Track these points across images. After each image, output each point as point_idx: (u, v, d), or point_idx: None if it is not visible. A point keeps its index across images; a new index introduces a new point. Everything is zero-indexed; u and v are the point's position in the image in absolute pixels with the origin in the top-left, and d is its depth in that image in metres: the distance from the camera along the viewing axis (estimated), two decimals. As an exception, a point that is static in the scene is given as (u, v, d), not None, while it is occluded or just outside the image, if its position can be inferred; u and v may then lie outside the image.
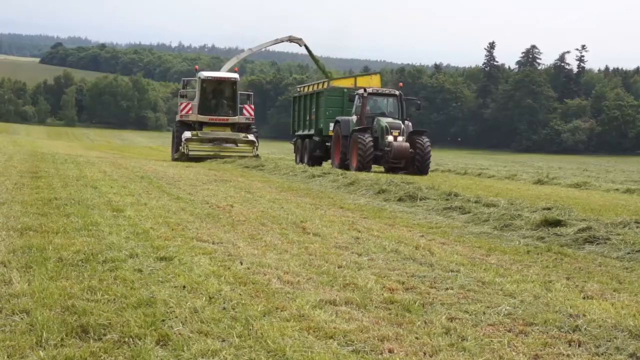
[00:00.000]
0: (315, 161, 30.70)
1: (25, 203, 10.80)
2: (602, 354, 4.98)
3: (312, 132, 31.88)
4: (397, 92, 28.34)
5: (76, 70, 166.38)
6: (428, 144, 26.51)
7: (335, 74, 44.01)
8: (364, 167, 25.40)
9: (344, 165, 26.47)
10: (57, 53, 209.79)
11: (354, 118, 27.62)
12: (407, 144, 26.14)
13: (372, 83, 32.41)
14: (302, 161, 31.99)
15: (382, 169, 27.33)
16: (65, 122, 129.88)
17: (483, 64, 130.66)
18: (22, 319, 5.08)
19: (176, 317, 5.24)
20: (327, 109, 30.74)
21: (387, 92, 28.85)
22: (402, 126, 26.67)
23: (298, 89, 37.44)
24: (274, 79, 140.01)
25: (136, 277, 6.34)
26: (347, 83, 33.01)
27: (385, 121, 26.66)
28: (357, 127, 26.74)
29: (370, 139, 25.95)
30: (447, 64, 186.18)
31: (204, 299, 5.75)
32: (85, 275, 6.34)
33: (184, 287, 6.08)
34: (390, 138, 26.10)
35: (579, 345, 5.13)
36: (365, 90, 28.00)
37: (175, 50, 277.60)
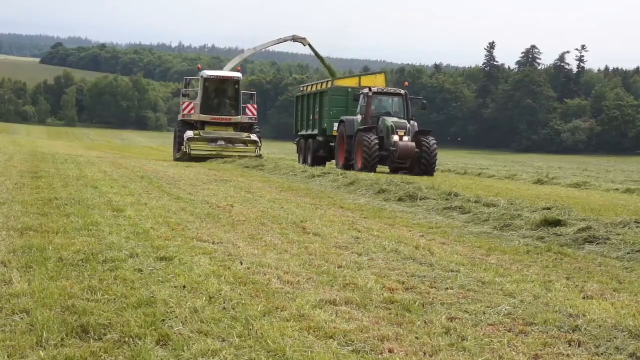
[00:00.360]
0: (319, 162, 30.40)
1: (25, 203, 10.81)
2: (602, 354, 4.98)
3: (315, 132, 31.62)
4: (402, 92, 28.12)
5: (76, 70, 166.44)
6: (434, 144, 26.21)
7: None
8: (369, 167, 25.03)
9: (349, 166, 26.20)
10: (57, 53, 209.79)
11: (359, 118, 27.36)
12: (413, 144, 25.86)
13: (377, 82, 32.17)
14: (305, 162, 31.63)
15: (386, 169, 27.16)
16: (66, 122, 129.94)
17: (483, 64, 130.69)
18: (22, 319, 5.08)
19: (176, 317, 5.24)
20: (331, 108, 30.49)
21: (392, 91, 28.69)
22: (408, 126, 26.42)
23: (301, 89, 37.02)
24: (274, 79, 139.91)
25: (136, 277, 6.35)
26: (351, 82, 32.81)
27: (390, 121, 26.42)
28: (362, 127, 26.47)
29: (376, 139, 25.66)
30: (447, 64, 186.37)
31: (204, 299, 5.75)
32: (86, 275, 6.34)
33: (184, 287, 6.08)
34: (396, 138, 25.80)
35: (579, 345, 5.13)
36: (370, 89, 27.79)
37: (175, 50, 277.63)
